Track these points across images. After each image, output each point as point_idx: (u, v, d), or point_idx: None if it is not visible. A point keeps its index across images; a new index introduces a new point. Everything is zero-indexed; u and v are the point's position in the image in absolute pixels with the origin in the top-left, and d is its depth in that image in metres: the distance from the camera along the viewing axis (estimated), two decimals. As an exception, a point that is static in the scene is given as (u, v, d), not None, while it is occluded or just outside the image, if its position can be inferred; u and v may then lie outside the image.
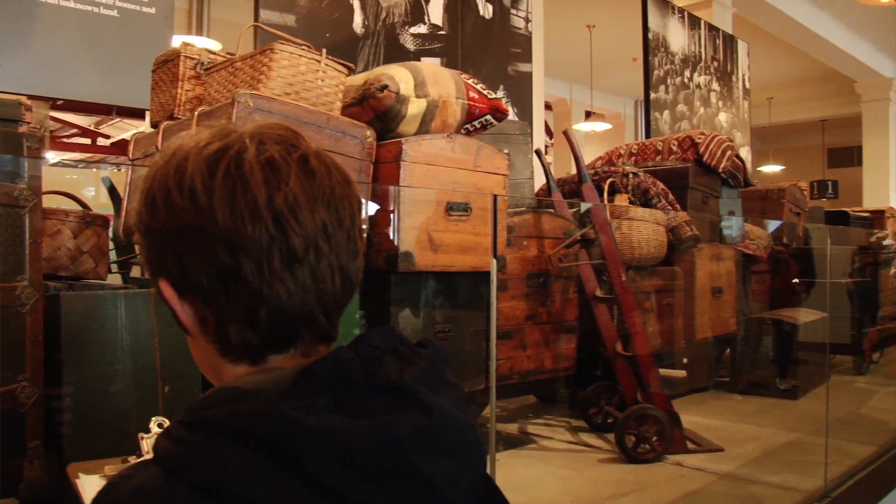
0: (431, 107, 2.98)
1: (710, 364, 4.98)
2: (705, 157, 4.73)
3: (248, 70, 2.70)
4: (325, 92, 2.80)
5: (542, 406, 4.34)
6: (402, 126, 2.94)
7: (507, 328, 3.24)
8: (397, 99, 2.88)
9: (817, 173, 17.64)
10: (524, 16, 5.71)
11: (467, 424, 0.73)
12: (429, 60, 4.90)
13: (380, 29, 4.83)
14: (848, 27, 11.21)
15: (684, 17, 7.46)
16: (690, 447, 3.49)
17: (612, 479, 3.14)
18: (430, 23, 5.10)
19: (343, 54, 3.13)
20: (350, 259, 0.77)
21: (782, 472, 3.39)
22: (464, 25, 5.27)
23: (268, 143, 0.73)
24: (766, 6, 9.15)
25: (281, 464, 0.62)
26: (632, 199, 4.14)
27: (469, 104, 3.10)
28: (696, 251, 4.40)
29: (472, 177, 2.97)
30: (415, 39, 5.02)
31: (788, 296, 5.29)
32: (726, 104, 8.13)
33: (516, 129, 4.20)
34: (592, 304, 3.53)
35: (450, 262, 2.88)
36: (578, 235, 3.52)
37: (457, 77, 3.15)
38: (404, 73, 2.97)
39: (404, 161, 2.79)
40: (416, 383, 0.71)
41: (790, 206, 5.65)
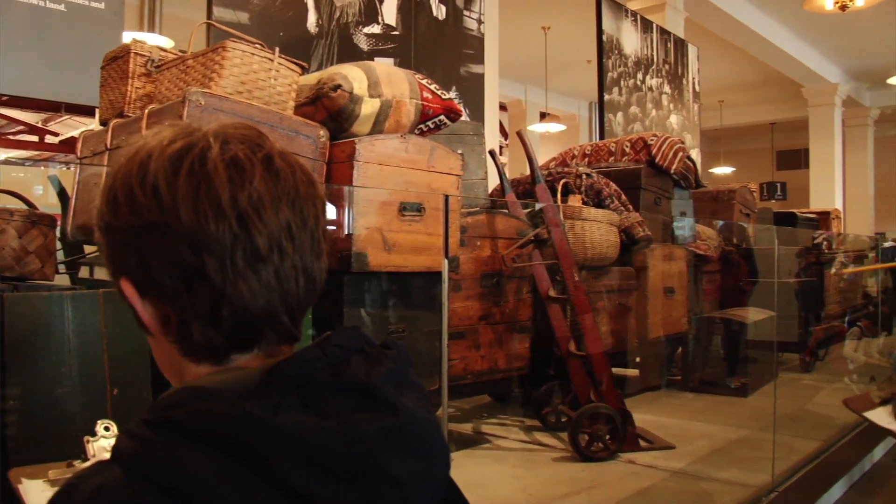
0: (385, 107, 2.97)
1: (662, 363, 5.04)
2: (657, 159, 4.79)
3: (200, 68, 2.67)
4: (277, 91, 2.78)
5: (497, 406, 4.36)
6: (355, 126, 2.92)
7: (461, 328, 3.25)
8: (351, 98, 2.87)
9: (766, 175, 17.99)
10: (477, 17, 5.72)
11: (433, 424, 0.73)
12: (382, 60, 4.88)
13: (334, 28, 4.80)
14: (795, 33, 11.44)
15: (637, 21, 7.54)
16: (643, 445, 3.53)
17: (566, 478, 3.16)
18: (384, 23, 5.08)
19: (297, 53, 3.11)
20: (314, 260, 0.76)
21: (731, 468, 3.44)
22: (417, 26, 5.26)
23: (232, 143, 0.73)
24: (718, 11, 9.29)
25: (246, 464, 0.61)
26: (585, 199, 4.17)
27: (423, 104, 3.10)
28: (649, 251, 4.45)
29: (425, 177, 2.97)
30: (368, 39, 5.00)
31: (738, 295, 5.38)
32: (677, 107, 8.24)
33: (470, 130, 4.21)
34: (546, 303, 3.55)
35: (403, 262, 2.88)
36: (532, 235, 3.54)
37: (411, 77, 3.15)
38: (358, 73, 2.96)
39: (357, 161, 2.78)
40: (383, 383, 0.71)
41: (740, 208, 5.74)
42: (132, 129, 2.68)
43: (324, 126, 2.85)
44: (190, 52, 2.76)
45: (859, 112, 15.36)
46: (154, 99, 2.85)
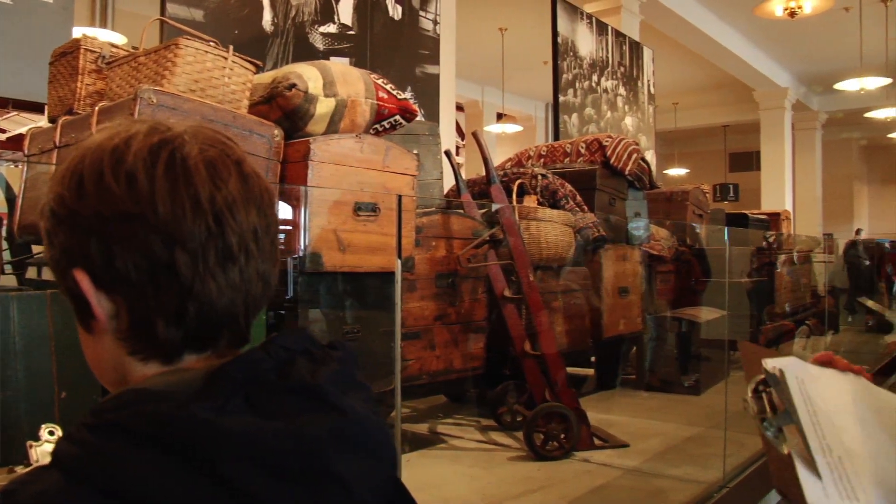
0: (340, 106, 2.96)
1: (616, 362, 5.08)
2: (612, 160, 4.83)
3: (152, 65, 2.63)
4: (231, 90, 2.76)
5: (452, 406, 4.36)
6: (310, 125, 2.91)
7: (416, 328, 3.25)
8: (305, 98, 2.85)
9: (720, 177, 18.30)
10: (433, 18, 5.72)
11: (379, 425, 0.73)
12: (338, 60, 4.86)
13: (289, 27, 4.77)
14: (747, 38, 11.66)
15: (593, 23, 7.61)
16: (597, 443, 3.55)
17: (521, 477, 3.17)
18: (340, 22, 5.06)
19: (252, 52, 3.08)
20: (271, 265, 0.77)
21: (684, 466, 3.49)
22: (373, 26, 5.25)
23: (207, 144, 0.73)
24: (672, 15, 9.43)
25: (192, 466, 0.60)
26: (540, 200, 4.19)
27: (378, 104, 3.09)
28: (603, 251, 4.49)
29: (380, 177, 2.97)
30: (324, 38, 4.97)
31: (691, 295, 5.45)
32: (632, 108, 8.33)
33: (425, 130, 4.21)
34: (501, 303, 3.56)
35: (358, 262, 2.86)
36: (487, 236, 3.55)
37: (366, 77, 3.14)
38: (313, 72, 2.94)
39: (312, 161, 2.76)
40: (329, 385, 0.71)
41: (693, 208, 5.82)
42: (82, 127, 2.63)
43: (278, 125, 2.82)
44: (142, 48, 2.72)
45: (808, 116, 15.72)
46: (105, 96, 2.80)
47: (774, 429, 0.89)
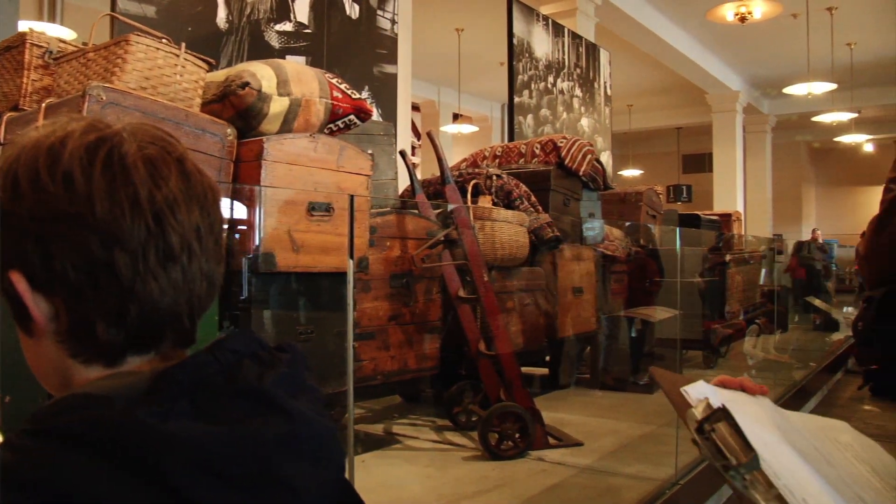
0: (294, 105, 2.93)
1: (571, 362, 5.12)
2: (567, 161, 4.87)
3: (102, 62, 2.59)
4: (183, 87, 2.72)
5: (407, 406, 4.35)
6: (263, 124, 2.88)
7: (371, 329, 3.23)
8: (259, 97, 2.82)
9: (673, 178, 18.56)
10: (391, 17, 5.71)
11: (327, 428, 0.72)
12: (294, 59, 4.83)
13: (244, 25, 4.72)
14: (700, 42, 11.84)
15: (549, 25, 7.65)
16: (552, 442, 3.57)
17: (476, 476, 3.18)
18: (296, 21, 5.02)
19: (205, 49, 3.04)
20: (215, 264, 0.76)
21: (637, 463, 3.52)
22: (330, 25, 5.22)
23: (146, 142, 0.72)
24: (627, 18, 9.54)
25: (137, 473, 0.59)
26: (495, 200, 4.20)
27: (333, 104, 3.08)
28: (558, 252, 4.52)
29: (334, 177, 2.95)
30: (280, 37, 4.93)
31: (645, 294, 5.52)
32: (588, 110, 8.40)
33: (380, 130, 4.19)
34: (455, 304, 3.57)
35: (312, 262, 2.85)
36: (441, 236, 3.55)
37: (320, 76, 3.12)
38: (267, 71, 2.92)
39: (265, 160, 2.74)
40: (277, 388, 0.70)
41: (647, 209, 5.89)
42: (27, 124, 2.57)
43: (231, 124, 2.79)
44: (91, 44, 2.67)
45: (759, 119, 16.02)
46: (52, 92, 2.74)
47: (741, 478, 0.82)
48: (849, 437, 0.95)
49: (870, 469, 0.89)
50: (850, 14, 10.45)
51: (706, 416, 0.84)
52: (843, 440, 0.93)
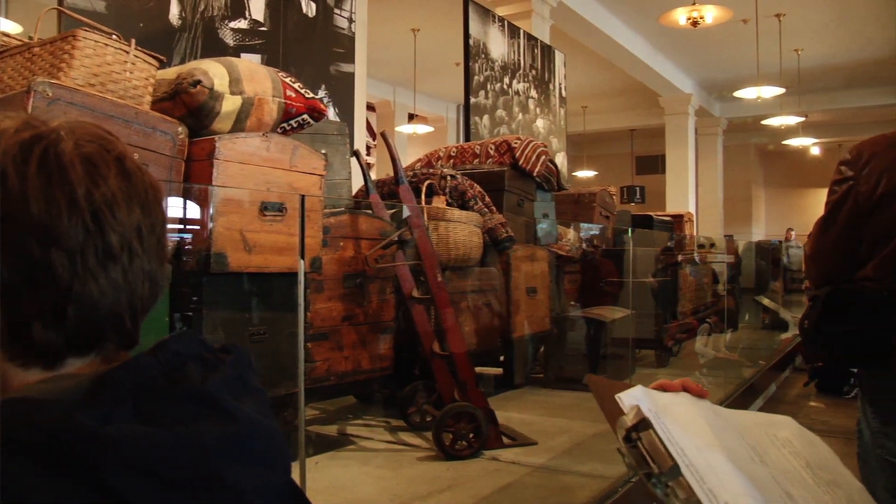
0: (247, 104, 2.91)
1: (525, 361, 5.15)
2: (521, 162, 4.89)
3: (48, 57, 2.53)
4: (133, 85, 2.67)
5: (361, 406, 4.34)
6: (215, 123, 2.85)
7: (324, 329, 3.22)
8: (211, 95, 2.79)
9: (627, 179, 18.79)
10: (348, 16, 5.68)
11: (272, 430, 0.71)
12: (249, 57, 4.77)
13: (198, 22, 4.65)
14: (653, 45, 12.00)
15: (504, 26, 7.68)
16: (506, 442, 3.59)
17: (430, 477, 3.18)
18: (251, 18, 4.97)
19: (157, 46, 3.00)
20: (158, 264, 0.75)
21: (590, 462, 3.56)
22: (286, 23, 5.17)
23: (84, 139, 0.70)
24: (582, 21, 9.62)
25: (77, 478, 0.58)
26: (449, 200, 4.21)
27: (286, 103, 3.06)
28: (512, 252, 4.54)
29: (287, 176, 2.93)
30: (234, 34, 4.87)
31: (598, 294, 5.57)
32: (544, 111, 8.45)
33: (334, 130, 4.17)
34: (409, 304, 3.57)
35: (264, 262, 2.82)
36: (395, 236, 3.55)
37: (274, 75, 3.09)
38: (219, 69, 2.89)
39: (217, 159, 2.71)
40: (221, 390, 0.69)
41: (600, 210, 5.95)
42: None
43: (182, 123, 2.76)
44: (37, 39, 2.62)
45: (710, 122, 16.28)
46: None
47: (663, 486, 0.81)
48: (789, 432, 0.97)
49: (804, 464, 0.91)
50: (797, 21, 10.68)
51: (635, 425, 0.84)
52: (781, 436, 0.95)
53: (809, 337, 2.05)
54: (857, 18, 10.75)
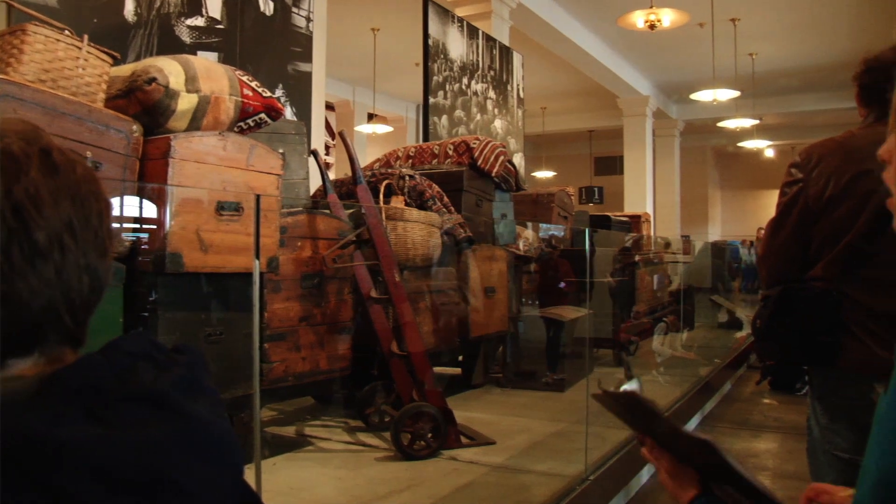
0: (203, 103, 2.88)
1: (484, 361, 5.16)
2: (479, 162, 4.91)
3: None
4: (86, 81, 2.63)
5: (320, 407, 4.32)
6: (171, 121, 2.81)
7: (282, 330, 3.20)
8: (166, 93, 2.76)
9: (585, 180, 18.93)
10: (306, 15, 5.64)
11: (225, 431, 0.71)
12: (205, 55, 4.72)
13: (153, 18, 4.58)
14: (611, 47, 12.11)
15: (464, 27, 7.70)
16: (464, 441, 3.60)
17: (389, 477, 3.18)
18: (208, 15, 4.91)
19: (112, 43, 2.95)
20: (98, 257, 0.72)
21: (548, 461, 3.59)
22: (243, 21, 5.12)
23: (6, 136, 0.68)
24: (541, 22, 9.67)
25: (27, 482, 0.56)
26: (407, 200, 4.21)
27: (243, 101, 3.03)
28: (470, 252, 4.55)
29: (244, 176, 2.91)
30: (191, 32, 4.81)
31: (556, 294, 5.61)
32: (502, 112, 8.48)
33: (292, 129, 4.14)
34: (367, 304, 3.56)
35: (221, 262, 2.80)
36: (353, 236, 3.54)
37: (231, 73, 3.07)
38: (175, 66, 2.85)
39: (173, 158, 2.68)
40: (172, 391, 0.68)
41: (558, 210, 5.99)
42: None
43: (137, 121, 2.72)
44: (-16, 34, 2.56)
45: (667, 124, 16.47)
46: (-59, 84, 2.62)
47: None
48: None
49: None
50: (752, 25, 10.86)
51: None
52: None
53: (762, 336, 2.09)
54: (810, 24, 10.97)
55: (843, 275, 1.93)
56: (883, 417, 0.66)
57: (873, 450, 0.65)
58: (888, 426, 0.65)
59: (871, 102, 2.03)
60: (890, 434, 0.65)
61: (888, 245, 1.84)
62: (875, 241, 1.88)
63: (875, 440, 0.66)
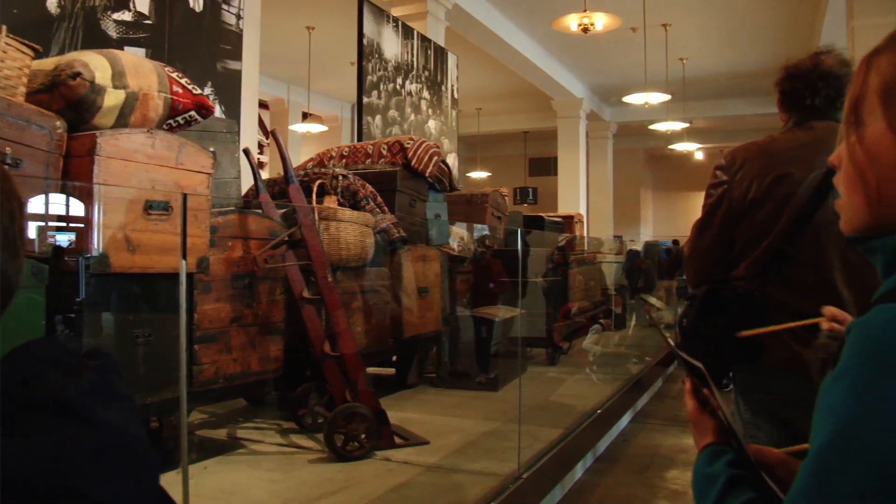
0: (131, 99, 2.81)
1: (417, 361, 5.17)
2: (413, 162, 4.91)
3: None
4: (5, 74, 2.55)
5: (252, 409, 4.27)
6: (97, 118, 2.74)
7: (212, 331, 3.14)
8: (92, 88, 2.69)
9: (520, 181, 19.09)
10: (236, 12, 5.56)
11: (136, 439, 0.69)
12: (133, 51, 4.61)
13: (78, 11, 4.46)
14: (546, 50, 12.23)
15: (399, 27, 7.69)
16: (398, 442, 3.60)
17: (322, 479, 3.16)
18: (136, 10, 4.80)
19: (33, 35, 2.86)
20: (8, 259, 0.70)
21: (482, 460, 3.61)
22: (172, 17, 5.02)
23: None
24: (477, 24, 9.71)
25: None
26: (341, 200, 4.18)
27: (172, 98, 2.97)
28: (403, 252, 4.55)
29: (173, 174, 2.85)
30: (118, 27, 4.69)
31: (489, 294, 5.64)
32: (436, 112, 8.49)
33: (223, 128, 4.08)
34: (300, 305, 3.53)
35: (149, 263, 2.74)
36: (285, 236, 3.50)
37: (160, 69, 3.00)
38: (101, 61, 2.78)
39: (99, 156, 2.61)
40: (82, 398, 0.66)
41: (492, 210, 6.02)
42: None
43: (61, 116, 2.64)
44: None
45: (601, 126, 16.72)
46: None
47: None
48: None
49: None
50: (682, 31, 11.11)
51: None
52: None
53: (688, 334, 2.14)
54: (738, 32, 11.27)
55: (765, 275, 1.99)
56: (821, 392, 0.69)
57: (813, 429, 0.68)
58: (821, 402, 0.68)
59: (792, 108, 2.10)
60: (823, 408, 0.68)
61: (806, 246, 1.90)
62: (794, 242, 1.94)
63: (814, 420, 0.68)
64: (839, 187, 0.83)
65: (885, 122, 0.74)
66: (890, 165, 0.74)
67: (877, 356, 0.65)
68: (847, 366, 0.66)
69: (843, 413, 0.65)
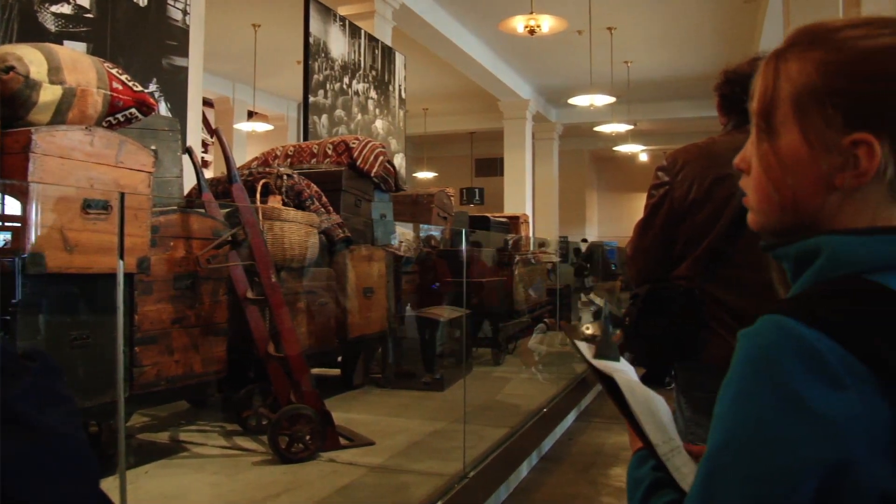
0: (68, 95, 2.75)
1: (363, 362, 5.15)
2: (359, 162, 4.89)
3: None
4: (-69, 68, 2.48)
5: (194, 411, 4.21)
6: (32, 114, 2.68)
7: (153, 332, 3.09)
8: (26, 83, 2.62)
9: (466, 181, 19.17)
10: (182, 8, 5.47)
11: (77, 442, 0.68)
12: (72, 45, 4.50)
13: (13, 2, 4.33)
14: (492, 51, 12.30)
15: (346, 26, 7.65)
16: (343, 443, 3.59)
17: (266, 481, 3.13)
18: (76, 3, 4.68)
19: (-36, 28, 2.78)
20: None
21: (427, 460, 3.62)
22: (114, 11, 4.91)
23: None
24: (424, 24, 9.72)
25: None
26: (285, 200, 4.15)
27: (112, 95, 2.91)
28: (348, 252, 4.53)
29: (113, 173, 2.80)
30: (57, 20, 4.57)
31: (435, 294, 5.65)
32: (383, 112, 8.48)
33: (165, 125, 4.00)
34: (243, 305, 3.49)
35: (87, 263, 2.68)
36: (228, 236, 3.46)
37: (99, 65, 2.94)
38: (36, 55, 2.71)
39: (34, 153, 2.55)
40: (21, 401, 0.65)
41: (438, 211, 6.03)
42: None
43: (-7, 112, 2.58)
44: None
45: (546, 127, 16.88)
46: None
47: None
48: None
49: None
50: (627, 35, 11.28)
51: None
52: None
53: (631, 333, 2.17)
54: (682, 36, 11.49)
55: (705, 274, 2.04)
56: (718, 398, 0.71)
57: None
58: (715, 408, 0.69)
59: (731, 111, 2.16)
60: (715, 414, 0.69)
61: (745, 246, 1.95)
62: (734, 242, 1.99)
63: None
64: (747, 189, 0.84)
65: (798, 132, 0.75)
66: (805, 175, 0.75)
67: (757, 366, 0.67)
68: (732, 375, 0.69)
69: (728, 422, 0.67)
